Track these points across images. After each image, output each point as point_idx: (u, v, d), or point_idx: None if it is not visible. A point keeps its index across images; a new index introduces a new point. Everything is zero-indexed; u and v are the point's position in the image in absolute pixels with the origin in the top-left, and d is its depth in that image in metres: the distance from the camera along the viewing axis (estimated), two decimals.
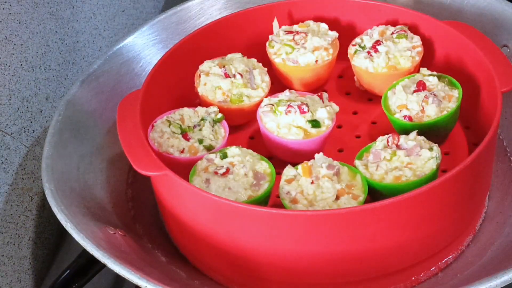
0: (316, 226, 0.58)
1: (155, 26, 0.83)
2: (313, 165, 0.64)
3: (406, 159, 0.63)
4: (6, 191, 0.73)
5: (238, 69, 0.73)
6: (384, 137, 0.66)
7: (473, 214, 0.67)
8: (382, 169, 0.63)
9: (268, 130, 0.69)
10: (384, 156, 0.64)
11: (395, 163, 0.63)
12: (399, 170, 0.63)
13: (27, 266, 0.75)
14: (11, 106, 0.74)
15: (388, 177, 0.62)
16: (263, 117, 0.69)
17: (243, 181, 0.64)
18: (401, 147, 0.64)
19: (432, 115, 0.67)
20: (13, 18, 0.75)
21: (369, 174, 0.63)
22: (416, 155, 0.63)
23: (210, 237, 0.62)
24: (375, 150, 0.65)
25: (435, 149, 0.63)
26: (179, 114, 0.71)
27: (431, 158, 0.63)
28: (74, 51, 0.87)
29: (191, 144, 0.68)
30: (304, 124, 0.68)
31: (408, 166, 0.63)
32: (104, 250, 0.60)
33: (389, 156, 0.64)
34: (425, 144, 0.64)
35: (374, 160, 0.64)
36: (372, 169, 0.63)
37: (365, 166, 0.64)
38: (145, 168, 0.62)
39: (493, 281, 0.56)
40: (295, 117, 0.68)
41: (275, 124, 0.69)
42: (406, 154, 0.63)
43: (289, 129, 0.68)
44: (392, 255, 0.61)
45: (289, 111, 0.68)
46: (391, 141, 0.65)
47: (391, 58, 0.72)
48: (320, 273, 0.62)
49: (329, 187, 0.62)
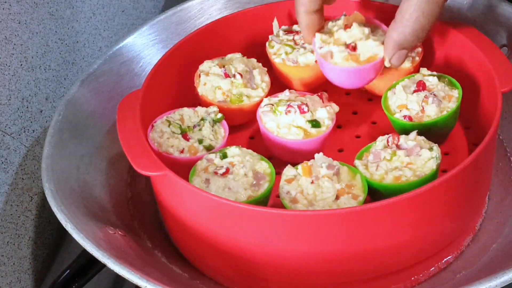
0: (316, 226, 0.58)
1: (155, 26, 0.83)
2: (313, 165, 0.64)
3: (406, 159, 0.63)
4: (6, 191, 0.73)
5: (238, 69, 0.73)
6: (384, 137, 0.66)
7: (473, 214, 0.67)
8: (382, 169, 0.63)
9: (268, 130, 0.69)
10: (384, 156, 0.64)
11: (395, 163, 0.63)
12: (399, 170, 0.62)
13: (27, 266, 0.75)
14: (11, 106, 0.74)
15: (388, 177, 0.62)
16: (263, 117, 0.69)
17: (243, 181, 0.63)
18: (401, 147, 0.64)
19: (432, 115, 0.67)
20: (13, 18, 0.75)
21: (369, 174, 0.63)
22: (416, 155, 0.63)
23: (210, 237, 0.62)
24: (375, 150, 0.65)
25: (435, 149, 0.63)
26: (179, 114, 0.71)
27: (431, 158, 0.63)
28: (74, 51, 0.87)
29: (191, 144, 0.68)
30: (304, 124, 0.68)
31: (408, 166, 0.63)
32: (104, 250, 0.60)
33: (389, 156, 0.64)
34: (425, 144, 0.64)
35: (374, 160, 0.64)
36: (372, 169, 0.63)
37: (365, 166, 0.64)
38: (145, 168, 0.62)
39: (493, 281, 0.55)
40: (295, 117, 0.68)
41: (275, 124, 0.69)
42: (406, 154, 0.63)
43: (289, 129, 0.68)
44: (392, 255, 0.61)
45: (289, 111, 0.68)
46: (391, 141, 0.65)
47: None
48: (320, 273, 0.62)
49: (329, 187, 0.62)
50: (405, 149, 0.64)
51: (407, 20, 0.62)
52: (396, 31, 0.63)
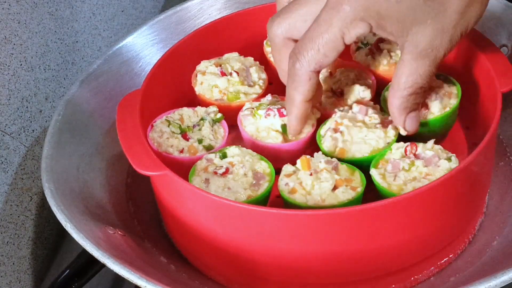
0: (316, 226, 0.58)
1: (155, 26, 0.83)
2: (312, 160, 0.64)
3: (424, 170, 0.61)
4: (5, 191, 0.73)
5: (235, 67, 0.73)
6: (400, 144, 0.64)
7: (473, 214, 0.67)
8: (400, 180, 0.61)
9: (247, 133, 0.69)
10: (403, 166, 0.62)
11: (414, 173, 0.61)
12: (418, 181, 0.61)
13: (26, 266, 0.75)
14: (10, 106, 0.74)
15: (407, 188, 0.61)
16: (243, 120, 0.69)
17: (243, 181, 0.63)
18: (419, 156, 0.63)
19: (435, 112, 0.67)
20: (13, 18, 0.75)
21: (386, 184, 0.62)
22: (434, 166, 0.62)
23: (210, 237, 0.62)
24: (394, 159, 0.63)
25: (454, 160, 0.62)
26: (179, 114, 0.71)
27: (450, 170, 0.61)
28: (74, 51, 0.87)
29: (190, 144, 0.68)
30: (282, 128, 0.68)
31: (427, 178, 0.61)
32: (103, 250, 0.60)
33: (408, 166, 0.62)
34: (443, 154, 0.63)
35: (392, 170, 0.62)
36: (390, 179, 0.62)
37: (382, 176, 0.62)
38: (144, 168, 0.62)
39: (492, 281, 0.55)
40: (274, 121, 0.68)
41: (255, 128, 0.69)
42: (424, 164, 0.62)
43: (268, 132, 0.68)
44: (392, 255, 0.61)
45: (268, 114, 0.68)
46: (409, 150, 0.63)
47: (393, 56, 0.72)
48: (320, 273, 0.62)
49: (327, 177, 0.61)
50: (424, 159, 0.62)
51: (404, 83, 0.60)
52: (396, 97, 0.61)
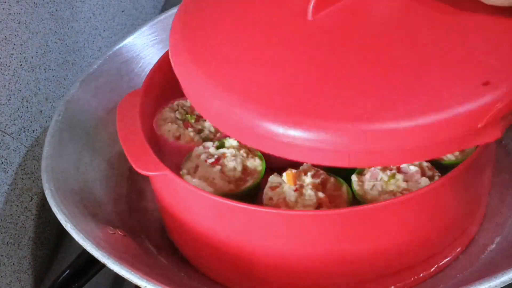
0: (316, 226, 0.58)
1: (155, 26, 0.83)
2: (299, 174, 0.63)
3: (403, 184, 0.61)
4: (5, 191, 0.73)
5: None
6: None
7: (473, 214, 0.67)
8: (376, 190, 0.61)
9: None
10: (382, 177, 0.62)
11: (391, 187, 0.61)
12: (393, 195, 0.61)
13: (26, 266, 0.75)
14: (10, 106, 0.74)
15: (379, 199, 0.61)
16: None
17: (230, 174, 0.63)
18: (401, 170, 0.62)
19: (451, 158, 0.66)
20: (13, 18, 0.75)
21: (362, 191, 0.62)
22: (414, 182, 0.61)
23: (209, 237, 0.62)
24: (374, 169, 0.62)
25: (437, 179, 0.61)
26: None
27: None
28: (74, 51, 0.87)
29: (187, 132, 0.68)
30: None
31: (404, 192, 0.61)
32: (103, 250, 0.60)
33: (387, 177, 0.62)
34: (429, 172, 0.62)
35: (370, 179, 0.62)
36: (367, 188, 0.62)
37: (361, 183, 0.62)
38: (144, 168, 0.62)
39: (492, 281, 0.55)
40: None
41: None
42: (405, 179, 0.61)
43: None
44: (392, 255, 0.61)
45: None
46: None
47: None
48: (320, 273, 0.62)
49: (311, 195, 0.61)
50: (405, 173, 0.62)
51: None
52: None
